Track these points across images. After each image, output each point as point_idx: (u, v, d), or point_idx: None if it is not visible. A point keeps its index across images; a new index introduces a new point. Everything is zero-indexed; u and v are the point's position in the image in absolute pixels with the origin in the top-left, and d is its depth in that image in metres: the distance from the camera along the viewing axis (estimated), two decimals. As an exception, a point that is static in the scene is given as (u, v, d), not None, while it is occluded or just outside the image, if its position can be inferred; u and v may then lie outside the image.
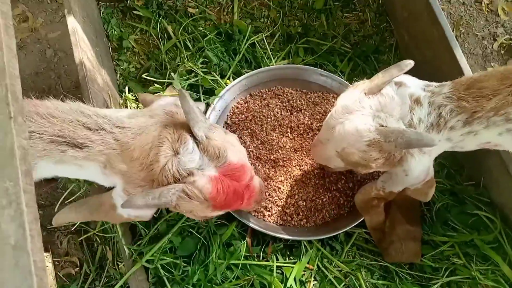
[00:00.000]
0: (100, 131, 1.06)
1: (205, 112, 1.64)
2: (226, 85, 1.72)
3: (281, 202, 1.55)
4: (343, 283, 1.43)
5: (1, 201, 0.62)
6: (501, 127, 1.13)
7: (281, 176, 1.58)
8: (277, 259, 1.47)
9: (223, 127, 1.68)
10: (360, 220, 1.50)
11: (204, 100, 1.75)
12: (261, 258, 1.48)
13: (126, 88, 1.83)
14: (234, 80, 1.73)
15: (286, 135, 1.66)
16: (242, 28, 1.91)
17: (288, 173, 1.59)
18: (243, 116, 1.70)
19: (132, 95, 1.82)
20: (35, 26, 2.14)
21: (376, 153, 1.17)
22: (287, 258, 1.48)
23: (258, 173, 1.58)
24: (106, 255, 1.66)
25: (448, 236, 1.49)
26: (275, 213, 1.55)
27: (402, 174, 1.28)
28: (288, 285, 1.39)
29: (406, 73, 1.21)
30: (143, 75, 1.84)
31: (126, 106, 1.80)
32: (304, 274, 1.44)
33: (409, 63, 1.19)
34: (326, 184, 1.59)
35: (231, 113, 1.71)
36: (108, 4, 2.02)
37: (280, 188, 1.56)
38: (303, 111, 1.71)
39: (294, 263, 1.46)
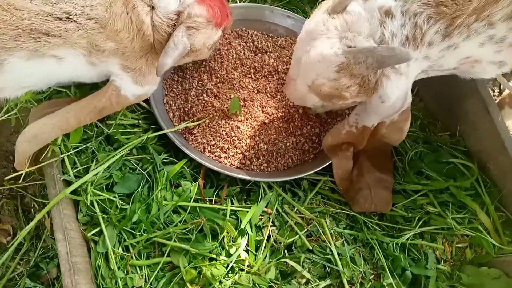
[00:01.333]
0: (71, 18, 1.00)
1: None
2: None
3: (240, 143, 1.38)
4: (305, 229, 1.26)
5: None
6: (483, 35, 1.01)
7: (241, 116, 1.41)
8: (232, 203, 1.29)
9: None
10: (326, 164, 1.35)
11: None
12: (213, 203, 1.29)
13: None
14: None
15: (249, 75, 1.50)
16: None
17: (249, 113, 1.43)
18: (202, 53, 1.53)
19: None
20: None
21: (347, 80, 1.05)
22: (243, 203, 1.30)
23: (216, 111, 1.41)
24: (44, 223, 1.44)
25: (421, 184, 1.35)
26: (233, 155, 1.37)
27: (377, 102, 1.14)
28: (242, 226, 1.20)
29: None
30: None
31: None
32: (261, 218, 1.27)
33: None
34: (290, 128, 1.43)
35: (189, 50, 1.54)
36: None
37: (239, 127, 1.39)
38: (268, 53, 1.56)
39: (251, 208, 1.28)
